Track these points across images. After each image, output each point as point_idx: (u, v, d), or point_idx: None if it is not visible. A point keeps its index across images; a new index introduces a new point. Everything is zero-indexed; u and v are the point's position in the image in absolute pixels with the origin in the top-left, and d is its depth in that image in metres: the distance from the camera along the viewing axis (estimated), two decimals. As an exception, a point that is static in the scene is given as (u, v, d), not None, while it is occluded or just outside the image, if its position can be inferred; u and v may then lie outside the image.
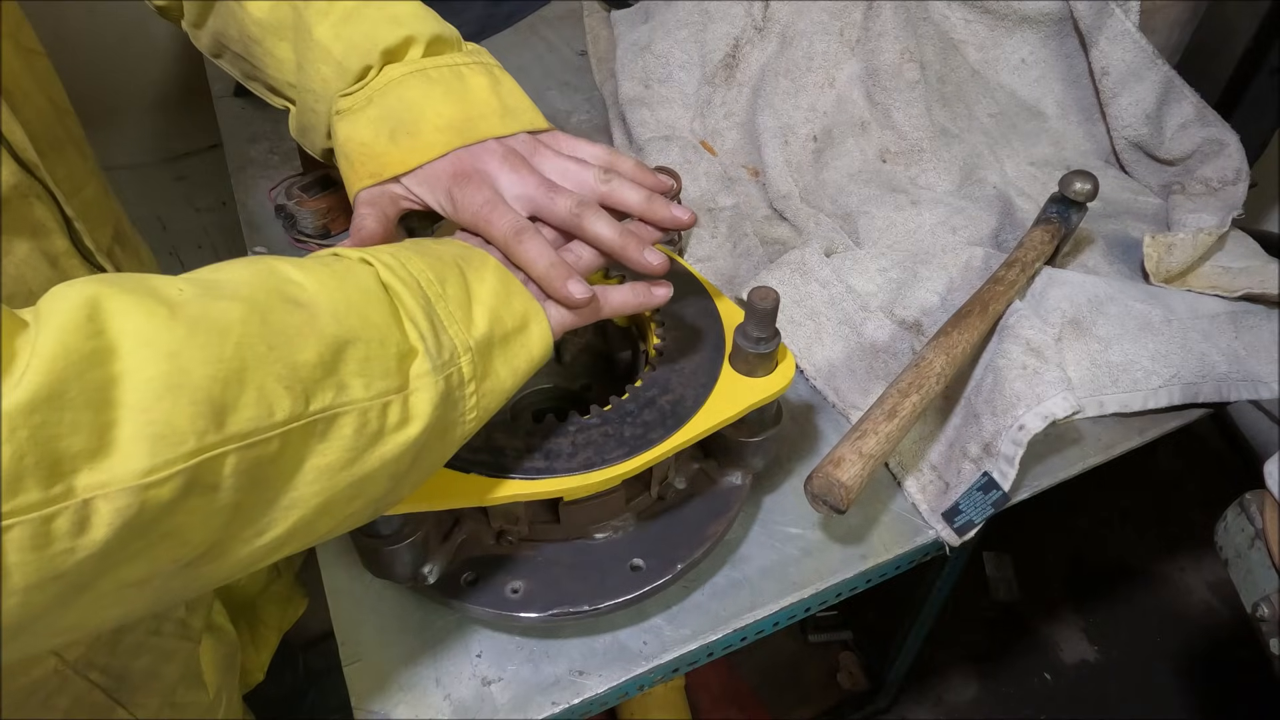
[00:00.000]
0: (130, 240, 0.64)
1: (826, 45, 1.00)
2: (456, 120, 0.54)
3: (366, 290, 0.42)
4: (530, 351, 0.48)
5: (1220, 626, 1.56)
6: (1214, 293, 0.83)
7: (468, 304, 0.45)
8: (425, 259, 0.45)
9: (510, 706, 0.58)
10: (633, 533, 0.62)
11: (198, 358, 0.33)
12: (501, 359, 0.46)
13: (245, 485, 0.35)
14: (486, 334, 0.45)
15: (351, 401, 0.38)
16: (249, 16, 0.58)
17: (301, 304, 0.38)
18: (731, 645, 0.64)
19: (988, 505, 0.64)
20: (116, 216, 0.62)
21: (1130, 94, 0.97)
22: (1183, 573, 1.64)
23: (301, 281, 0.40)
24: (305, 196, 0.90)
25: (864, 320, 0.80)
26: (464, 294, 0.46)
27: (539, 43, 1.23)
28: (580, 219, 0.52)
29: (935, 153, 0.99)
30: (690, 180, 0.94)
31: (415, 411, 0.41)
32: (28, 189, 0.49)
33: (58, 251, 0.52)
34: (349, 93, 0.55)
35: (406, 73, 0.55)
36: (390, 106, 0.54)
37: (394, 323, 0.41)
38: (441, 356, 0.43)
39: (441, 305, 0.44)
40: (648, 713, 1.25)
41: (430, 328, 0.43)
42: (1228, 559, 0.63)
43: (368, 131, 0.55)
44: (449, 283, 0.45)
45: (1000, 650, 1.53)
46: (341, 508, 0.41)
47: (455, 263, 0.47)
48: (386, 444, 0.40)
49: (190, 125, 1.39)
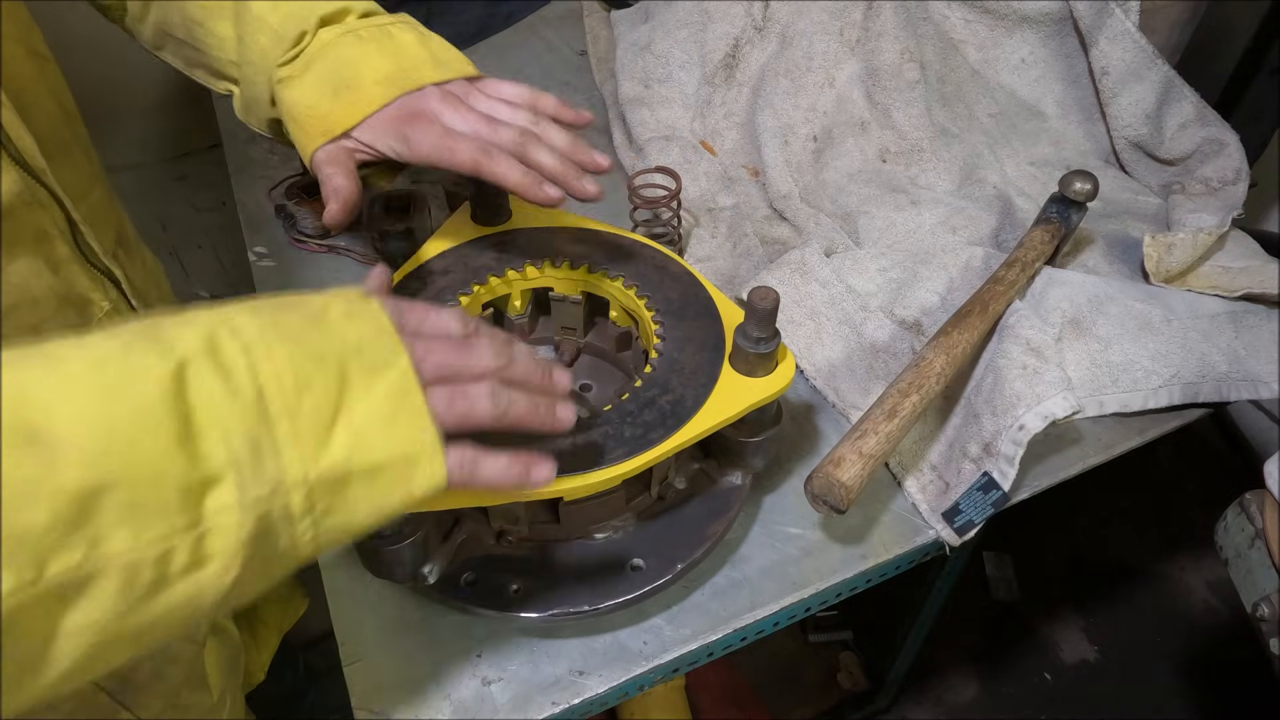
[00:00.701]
0: (133, 243, 0.64)
1: (826, 45, 1.00)
2: (392, 72, 0.58)
3: (141, 410, 0.33)
4: (409, 491, 0.40)
5: (1220, 626, 1.56)
6: (1214, 293, 0.83)
7: (329, 421, 0.37)
8: (298, 353, 0.37)
9: (510, 706, 0.58)
10: (633, 533, 0.62)
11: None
12: (363, 493, 0.38)
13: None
14: (341, 463, 0.37)
15: (112, 555, 0.32)
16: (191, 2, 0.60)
17: (41, 442, 0.31)
18: (731, 645, 0.64)
19: (988, 505, 0.64)
20: (119, 220, 0.62)
21: (1130, 94, 0.97)
22: (1183, 573, 1.64)
23: (49, 404, 0.32)
24: (305, 196, 0.90)
25: (864, 320, 0.80)
26: (330, 407, 0.37)
27: (539, 43, 1.23)
28: (524, 148, 0.57)
29: (935, 153, 0.99)
30: (690, 180, 0.94)
31: (211, 551, 0.34)
32: (32, 196, 0.49)
33: (60, 258, 0.52)
34: (286, 60, 0.58)
35: (339, 34, 0.58)
36: (329, 67, 0.57)
37: (179, 451, 0.33)
38: (259, 488, 0.35)
39: (284, 423, 0.36)
40: (648, 713, 1.25)
41: (251, 450, 0.35)
42: (1228, 559, 0.63)
43: (311, 94, 0.57)
44: (311, 391, 0.37)
45: (1000, 650, 1.53)
46: (128, 647, 0.35)
47: (340, 363, 0.38)
48: (173, 590, 0.34)
49: (190, 125, 1.39)
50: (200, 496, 0.34)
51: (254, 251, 0.91)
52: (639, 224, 0.85)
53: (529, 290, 0.70)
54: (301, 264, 0.89)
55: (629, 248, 0.69)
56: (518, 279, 0.68)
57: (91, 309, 0.55)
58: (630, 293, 0.65)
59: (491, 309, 0.69)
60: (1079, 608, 1.59)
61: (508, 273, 0.67)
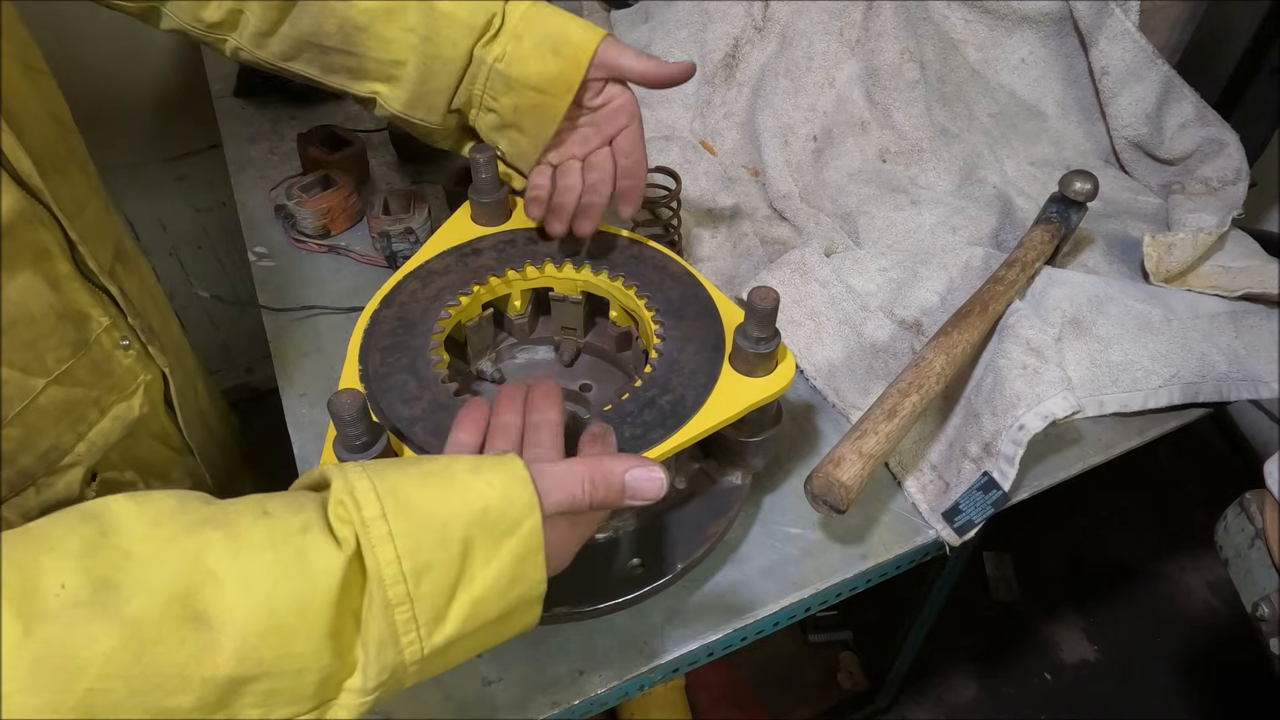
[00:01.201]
0: (130, 256, 0.64)
1: (826, 45, 1.00)
2: (581, 21, 0.65)
3: (307, 604, 0.34)
4: (505, 635, 0.42)
5: (1220, 626, 1.56)
6: (1214, 292, 0.83)
7: (447, 600, 0.37)
8: (420, 529, 0.37)
9: (510, 706, 0.58)
10: (633, 533, 0.62)
11: (30, 704, 0.29)
12: (468, 645, 0.40)
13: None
14: (453, 636, 0.38)
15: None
16: (355, 8, 0.63)
17: (206, 623, 0.32)
18: (731, 645, 0.64)
19: (988, 505, 0.64)
20: (117, 234, 0.62)
21: (1130, 94, 0.97)
22: (1183, 573, 1.64)
23: (223, 579, 0.33)
24: (305, 196, 0.90)
25: (864, 320, 0.80)
26: (448, 587, 0.37)
27: (539, 43, 1.23)
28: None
29: (935, 153, 0.99)
30: (690, 180, 0.94)
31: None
32: (31, 214, 0.49)
33: (60, 275, 0.52)
34: (488, 41, 0.63)
35: (525, 9, 0.64)
36: (537, 36, 0.63)
37: (329, 646, 0.35)
38: (381, 675, 0.36)
39: (402, 611, 0.36)
40: (648, 713, 1.25)
41: (376, 644, 0.36)
42: (1228, 559, 0.63)
43: (536, 63, 0.63)
44: (430, 574, 0.37)
45: (1000, 650, 1.53)
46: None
47: (464, 537, 0.38)
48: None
49: (190, 125, 1.39)
50: (336, 686, 0.36)
51: (254, 251, 0.91)
52: (639, 224, 0.85)
53: (529, 290, 0.70)
54: (301, 264, 0.89)
55: (629, 248, 0.69)
56: (518, 279, 0.68)
57: (90, 324, 0.55)
58: (630, 292, 0.65)
59: (491, 309, 0.69)
60: (1079, 608, 1.59)
61: (508, 273, 0.67)
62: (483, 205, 0.69)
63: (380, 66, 0.65)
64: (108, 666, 0.30)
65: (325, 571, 0.35)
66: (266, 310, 0.84)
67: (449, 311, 0.63)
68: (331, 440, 0.51)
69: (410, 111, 0.67)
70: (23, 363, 0.51)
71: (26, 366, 0.51)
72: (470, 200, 0.70)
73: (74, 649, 0.30)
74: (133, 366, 0.60)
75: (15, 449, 0.53)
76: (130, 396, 0.60)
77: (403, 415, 0.56)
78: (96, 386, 0.57)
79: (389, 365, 0.59)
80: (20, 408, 0.51)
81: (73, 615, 0.30)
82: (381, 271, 0.88)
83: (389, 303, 0.64)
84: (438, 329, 0.62)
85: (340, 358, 0.60)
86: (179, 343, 0.71)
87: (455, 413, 0.56)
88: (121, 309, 0.58)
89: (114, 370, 0.58)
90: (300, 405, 0.76)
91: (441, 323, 0.62)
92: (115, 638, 0.30)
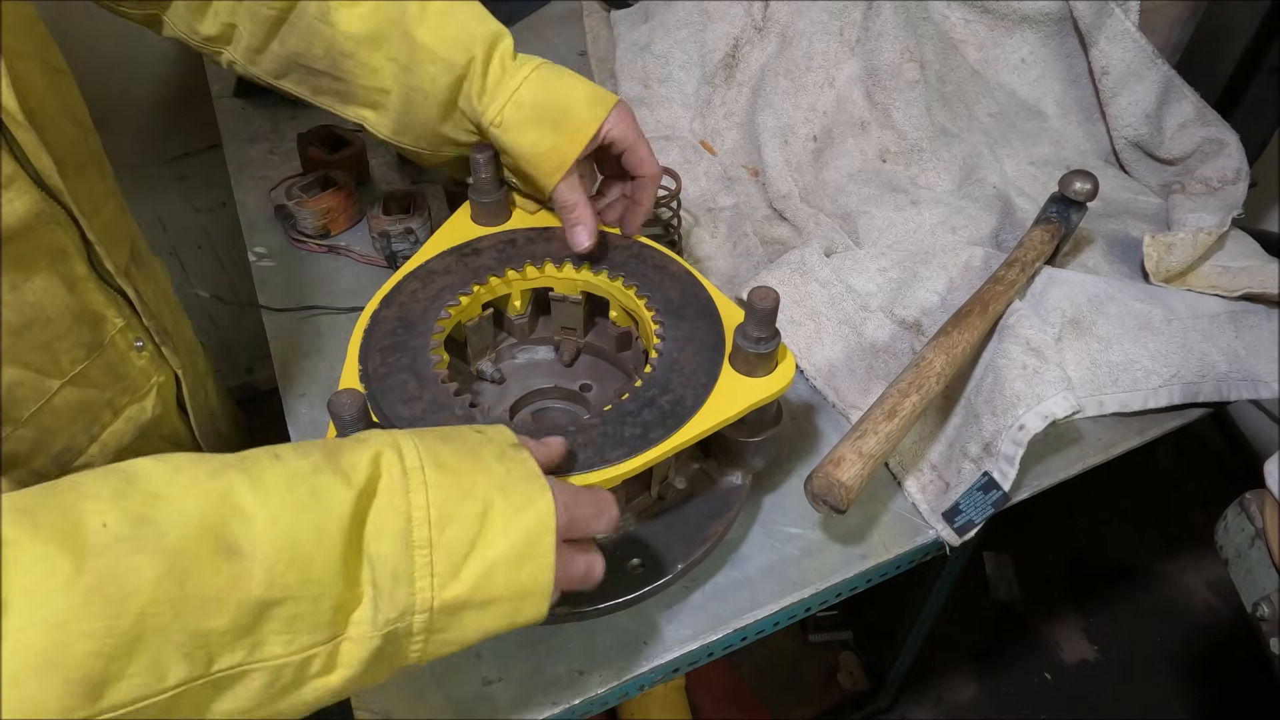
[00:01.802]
0: (145, 258, 0.64)
1: (826, 45, 1.00)
2: (591, 93, 0.63)
3: (323, 533, 0.37)
4: (513, 621, 0.43)
5: (1220, 626, 1.56)
6: (1214, 292, 0.83)
7: (463, 555, 0.41)
8: (451, 484, 0.41)
9: (511, 706, 0.58)
10: (633, 533, 0.62)
11: (86, 630, 0.31)
12: (474, 619, 0.42)
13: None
14: (463, 597, 0.41)
15: (266, 659, 0.36)
16: (340, 33, 0.63)
17: (237, 553, 0.35)
18: (731, 645, 0.64)
19: (988, 505, 0.64)
20: (133, 234, 0.62)
21: (1130, 93, 0.97)
22: (1183, 573, 1.64)
23: (252, 515, 0.36)
24: (305, 196, 0.90)
25: (864, 320, 0.80)
26: (467, 541, 0.41)
27: (539, 43, 1.23)
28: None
29: (935, 152, 0.99)
30: (690, 180, 0.94)
31: (342, 661, 0.38)
32: (50, 215, 0.49)
33: (76, 276, 0.52)
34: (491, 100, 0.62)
35: (531, 68, 0.63)
36: (538, 106, 0.62)
37: (341, 574, 0.38)
38: (391, 611, 0.39)
39: (422, 553, 0.39)
40: (648, 713, 1.25)
41: (391, 578, 0.39)
42: (1228, 559, 0.63)
43: (532, 134, 0.62)
44: (453, 524, 0.40)
45: (1000, 650, 1.53)
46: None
47: (486, 498, 0.42)
48: (303, 690, 0.38)
49: (190, 125, 1.39)
50: (347, 615, 0.38)
51: (254, 251, 0.91)
52: (639, 224, 0.85)
53: (529, 290, 0.70)
54: (301, 264, 0.89)
55: (629, 248, 0.69)
56: (518, 279, 0.68)
57: (105, 326, 0.55)
58: (630, 292, 0.65)
59: (491, 309, 0.69)
60: (1079, 608, 1.59)
61: (508, 273, 0.67)
62: (483, 205, 0.69)
63: (366, 93, 0.66)
64: (155, 591, 0.33)
65: (339, 502, 0.38)
66: (266, 310, 0.84)
67: (449, 311, 0.63)
68: (331, 440, 0.51)
69: (398, 138, 0.68)
70: (38, 364, 0.51)
71: (42, 368, 0.52)
72: (470, 200, 0.70)
73: (123, 578, 0.32)
74: (146, 368, 0.60)
75: (30, 450, 0.53)
76: (143, 398, 0.60)
77: (402, 415, 0.56)
78: (110, 388, 0.57)
79: (389, 365, 0.59)
80: (35, 409, 0.52)
81: (119, 549, 0.33)
82: (381, 271, 0.88)
83: (389, 303, 0.64)
84: (438, 329, 0.62)
85: (340, 358, 0.60)
86: (191, 344, 0.71)
87: (455, 412, 0.56)
88: (136, 310, 0.58)
89: (128, 372, 0.58)
90: (300, 405, 0.76)
91: (441, 323, 0.62)
92: (160, 566, 0.33)
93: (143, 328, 0.59)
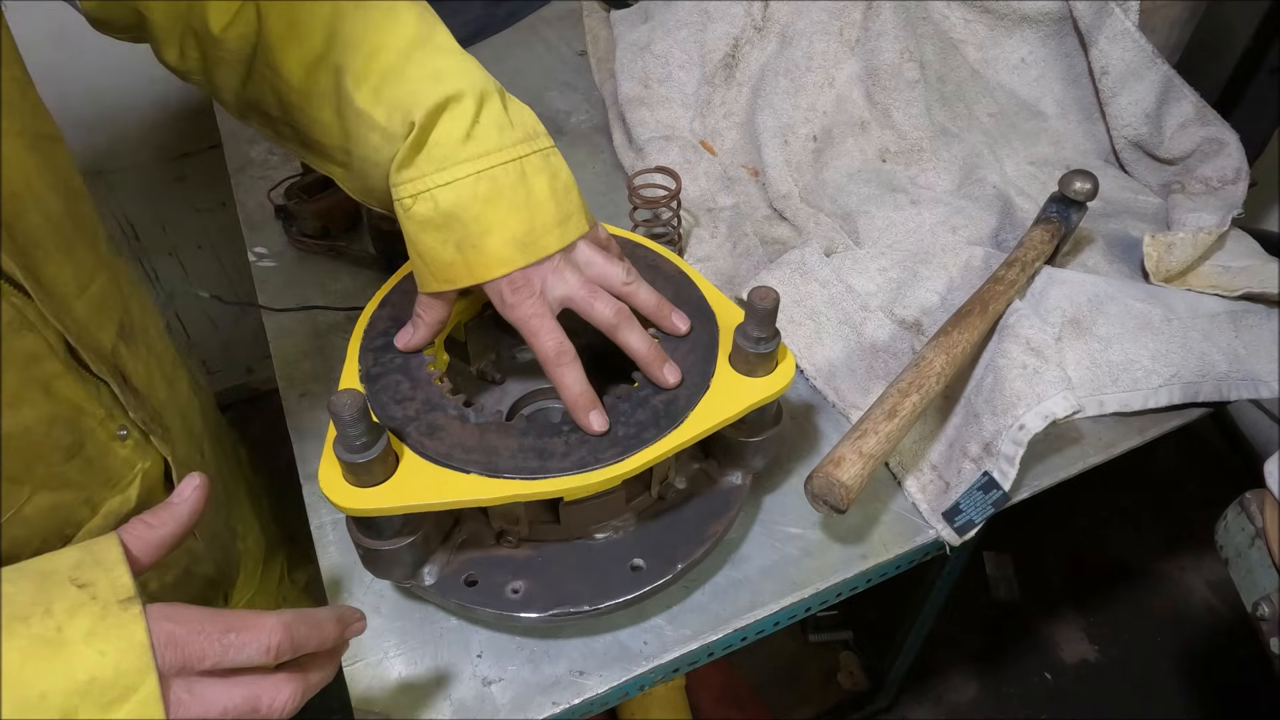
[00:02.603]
0: (136, 330, 0.59)
1: (826, 45, 1.00)
2: (521, 236, 0.54)
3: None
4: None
5: (1220, 626, 1.56)
6: (1214, 292, 0.83)
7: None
8: (12, 711, 0.36)
9: (511, 706, 0.58)
10: (633, 533, 0.62)
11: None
12: None
13: None
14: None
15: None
16: (285, 84, 0.56)
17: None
18: (732, 645, 0.64)
19: (988, 505, 0.64)
20: (123, 306, 0.58)
21: (1130, 93, 0.97)
22: (1183, 573, 1.64)
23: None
24: (305, 197, 0.90)
25: (864, 320, 0.80)
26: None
27: (538, 43, 1.23)
28: (617, 328, 0.56)
29: (935, 152, 0.99)
30: (690, 180, 0.94)
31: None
32: (20, 321, 0.45)
33: (49, 376, 0.48)
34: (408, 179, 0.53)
35: (471, 173, 0.53)
36: (455, 215, 0.53)
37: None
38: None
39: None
40: (648, 713, 1.25)
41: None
42: (1228, 558, 0.63)
43: (433, 239, 0.54)
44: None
45: (1000, 650, 1.53)
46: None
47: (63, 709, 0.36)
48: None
49: (190, 125, 1.39)
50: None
51: (254, 251, 0.91)
52: (639, 224, 0.85)
53: (529, 290, 0.70)
54: (301, 264, 0.89)
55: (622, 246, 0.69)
56: (517, 279, 0.68)
57: (84, 420, 0.51)
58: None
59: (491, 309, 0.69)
60: (1079, 608, 1.59)
61: (507, 273, 0.67)
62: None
63: (325, 149, 0.58)
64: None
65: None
66: (266, 310, 0.84)
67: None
68: (331, 440, 0.51)
69: (366, 202, 0.61)
70: (10, 473, 0.47)
71: (15, 477, 0.48)
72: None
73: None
74: (130, 457, 0.56)
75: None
76: (126, 488, 0.56)
77: (395, 415, 0.56)
78: (88, 485, 0.53)
79: (382, 365, 0.59)
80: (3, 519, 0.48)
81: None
82: (381, 272, 0.88)
83: (388, 303, 0.63)
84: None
85: (340, 358, 0.60)
86: (187, 405, 0.67)
87: (449, 411, 0.56)
88: (121, 392, 0.54)
89: (109, 464, 0.54)
90: (300, 405, 0.76)
91: (440, 323, 0.62)
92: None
93: (125, 415, 0.54)
